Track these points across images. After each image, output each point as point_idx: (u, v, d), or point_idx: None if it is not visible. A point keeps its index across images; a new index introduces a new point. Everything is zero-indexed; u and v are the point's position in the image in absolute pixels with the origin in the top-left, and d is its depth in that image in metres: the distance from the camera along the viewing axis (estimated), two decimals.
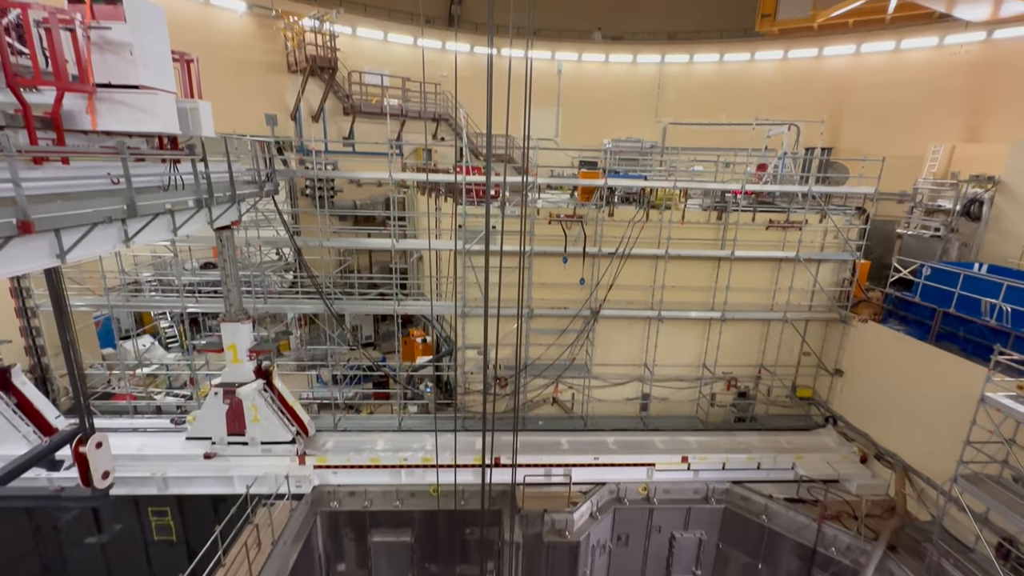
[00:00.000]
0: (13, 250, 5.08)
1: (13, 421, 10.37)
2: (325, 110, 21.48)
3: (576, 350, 13.57)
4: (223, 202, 9.06)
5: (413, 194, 20.24)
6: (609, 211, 12.79)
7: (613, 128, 24.26)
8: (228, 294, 10.89)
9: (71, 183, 6.10)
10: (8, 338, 11.84)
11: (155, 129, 6.60)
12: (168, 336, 19.40)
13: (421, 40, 24.50)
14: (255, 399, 11.19)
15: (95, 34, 5.81)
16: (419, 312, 14.50)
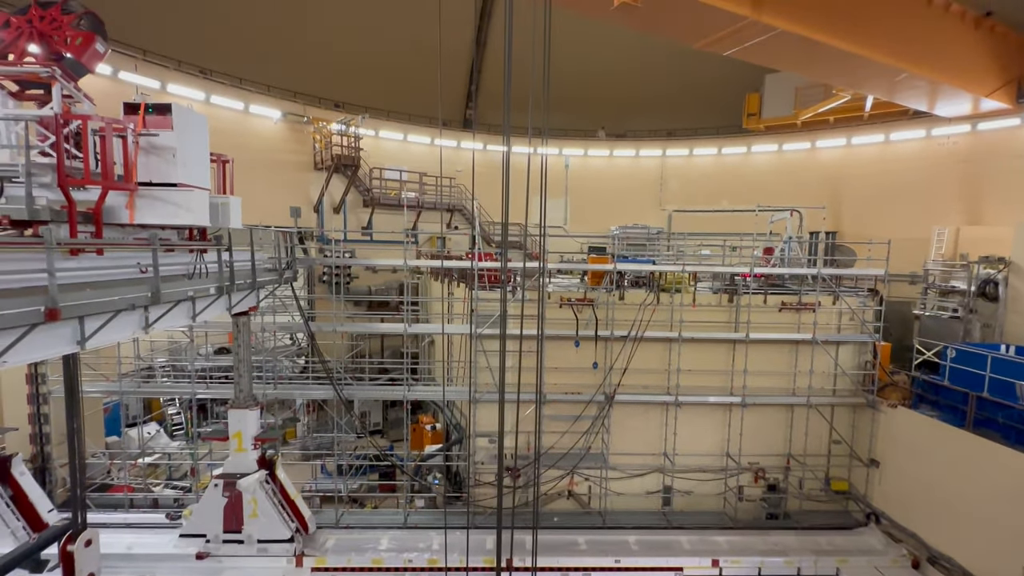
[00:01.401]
0: (36, 337, 5.20)
1: (4, 516, 9.93)
2: (346, 203, 22.79)
3: (591, 438, 13.00)
4: (243, 289, 9.34)
5: (426, 280, 20.74)
6: (620, 295, 12.90)
7: (619, 216, 25.19)
8: (239, 379, 10.85)
9: (102, 272, 6.39)
10: (16, 426, 11.73)
11: (187, 222, 7.02)
12: (174, 423, 19.07)
13: (438, 140, 26.51)
14: (256, 492, 10.69)
15: (144, 140, 6.40)
16: (429, 398, 14.22)
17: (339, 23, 22.77)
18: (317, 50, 23.13)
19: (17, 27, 6.42)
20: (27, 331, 5.01)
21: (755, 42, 12.33)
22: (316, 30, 22.62)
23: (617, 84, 28.01)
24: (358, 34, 23.46)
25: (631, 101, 29.40)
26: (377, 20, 23.38)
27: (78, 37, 6.47)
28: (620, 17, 11.45)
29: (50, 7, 6.55)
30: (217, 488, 10.73)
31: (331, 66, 23.82)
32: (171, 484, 15.05)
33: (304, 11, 22.02)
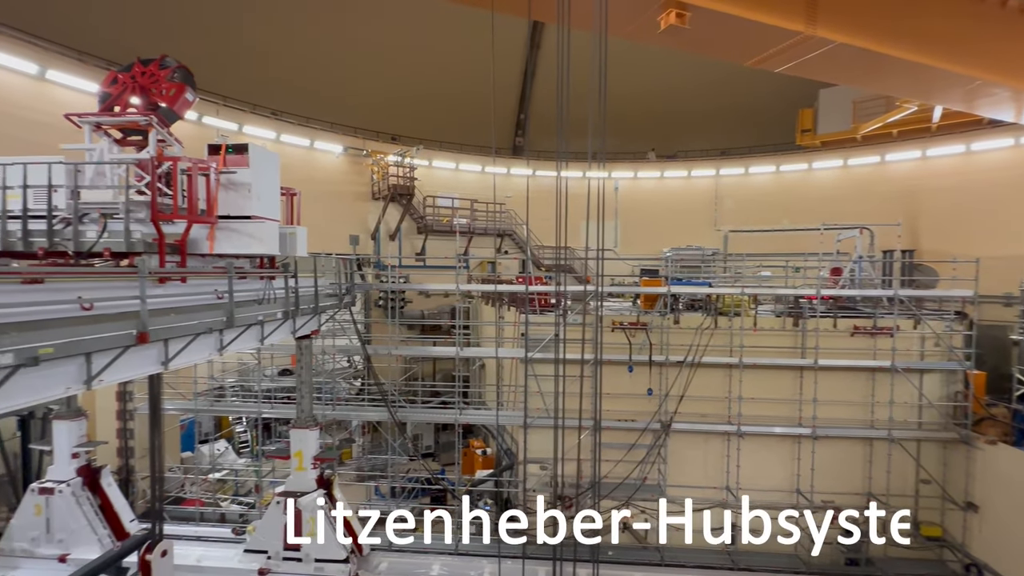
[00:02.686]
0: (129, 358, 5.70)
1: (93, 524, 10.74)
2: (401, 230, 23.71)
3: (647, 468, 12.48)
4: (306, 313, 9.85)
5: (477, 304, 21.03)
6: (674, 318, 12.51)
7: (671, 238, 24.62)
8: (301, 400, 11.33)
9: (184, 298, 6.95)
10: (106, 439, 12.77)
11: (259, 252, 7.55)
12: (241, 441, 20.11)
13: (489, 167, 27.21)
14: (314, 511, 10.99)
15: (224, 177, 7.00)
16: (480, 421, 14.23)
17: (394, 61, 24.18)
18: (375, 87, 24.62)
19: (123, 83, 7.28)
20: (120, 352, 5.51)
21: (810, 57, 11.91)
22: (373, 69, 24.12)
23: (666, 105, 27.83)
24: (412, 70, 24.78)
25: (681, 121, 29.05)
26: (430, 56, 24.63)
27: (172, 88, 7.24)
28: (668, 40, 11.40)
29: (150, 63, 7.39)
30: (279, 505, 11.12)
31: (388, 102, 25.23)
32: (237, 500, 15.78)
33: (363, 52, 23.57)
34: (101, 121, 7.01)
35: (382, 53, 23.79)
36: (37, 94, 14.27)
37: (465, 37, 23.71)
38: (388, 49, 23.72)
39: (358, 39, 22.74)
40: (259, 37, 20.93)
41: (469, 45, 23.87)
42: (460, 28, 23.64)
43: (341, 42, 22.53)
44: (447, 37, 23.94)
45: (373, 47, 23.48)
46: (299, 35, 21.64)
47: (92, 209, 6.58)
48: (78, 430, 10.87)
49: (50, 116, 13.77)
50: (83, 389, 5.39)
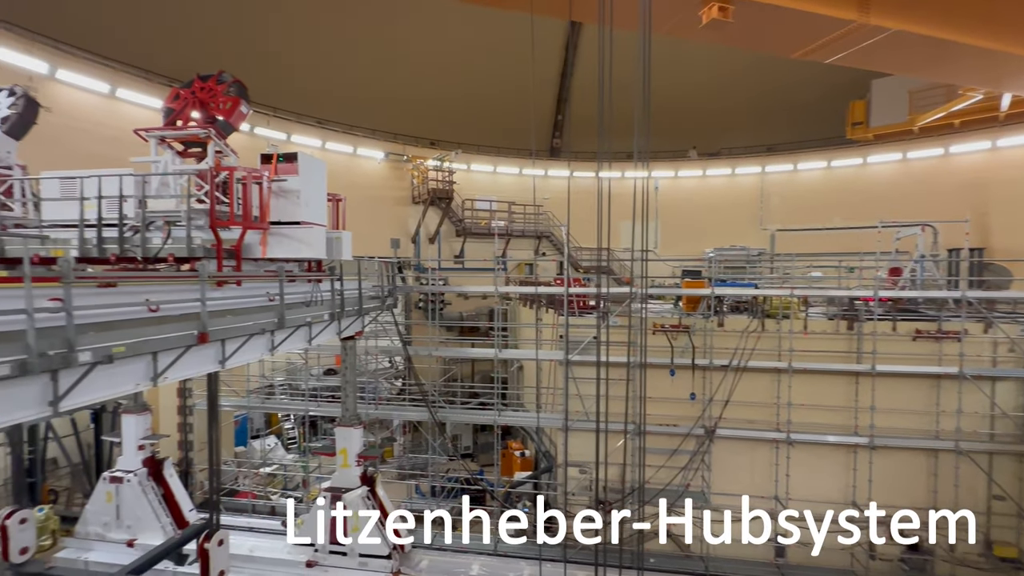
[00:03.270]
0: (190, 357, 6.06)
1: (157, 511, 11.47)
2: (441, 233, 24.11)
3: (690, 474, 12.15)
4: (351, 315, 10.17)
5: (515, 306, 21.09)
6: (718, 321, 12.14)
7: (713, 238, 23.92)
8: (346, 399, 11.69)
9: (239, 300, 7.33)
10: (168, 433, 13.60)
11: (308, 256, 7.86)
12: (289, 437, 20.96)
13: (527, 170, 27.27)
14: (358, 507, 11.31)
15: (275, 185, 7.34)
16: (520, 423, 14.26)
17: (432, 67, 24.60)
18: (414, 94, 25.11)
19: (184, 98, 7.76)
20: (183, 352, 5.86)
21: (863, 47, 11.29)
22: (413, 75, 24.61)
23: (707, 102, 27.08)
24: (450, 75, 25.16)
25: (724, 118, 28.20)
26: (467, 61, 24.93)
27: (228, 102, 7.66)
28: (709, 35, 11.08)
29: (208, 79, 7.85)
30: (325, 500, 11.51)
31: (427, 107, 25.71)
32: (286, 494, 16.44)
33: (402, 60, 24.10)
34: (165, 135, 7.50)
35: (421, 59, 24.28)
36: (109, 111, 15.41)
37: (501, 41, 23.91)
38: (426, 55, 24.19)
39: (398, 47, 23.32)
40: (305, 50, 21.81)
41: (505, 48, 24.04)
42: (496, 32, 23.86)
43: (382, 51, 23.16)
44: (483, 41, 24.20)
45: (412, 54, 24.00)
46: (342, 46, 22.39)
47: (157, 217, 7.05)
48: (144, 424, 11.64)
49: (120, 131, 14.84)
50: (150, 385, 5.77)
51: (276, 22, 20.41)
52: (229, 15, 19.09)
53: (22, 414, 4.36)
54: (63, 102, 13.97)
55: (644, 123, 5.16)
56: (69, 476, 15.44)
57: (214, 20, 18.85)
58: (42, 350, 4.10)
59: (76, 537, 11.53)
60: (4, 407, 4.17)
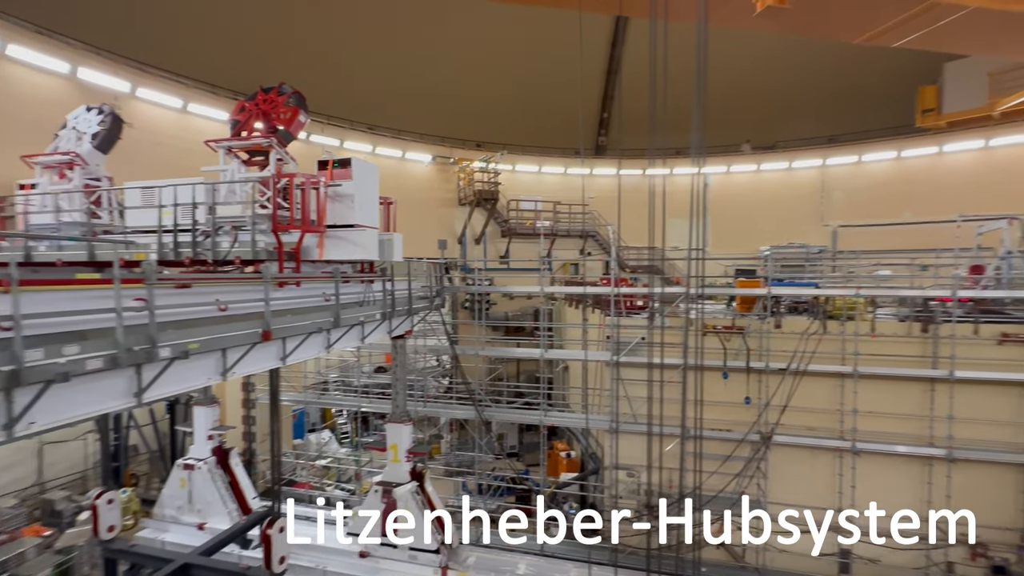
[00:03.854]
0: (255, 353, 6.43)
1: (224, 498, 12.25)
2: (486, 234, 24.36)
3: (745, 481, 11.67)
4: (401, 314, 10.46)
5: (560, 306, 20.98)
6: (775, 322, 11.59)
7: (768, 235, 22.88)
8: (396, 396, 12.04)
9: (298, 300, 7.70)
10: (233, 425, 14.49)
11: (361, 257, 8.16)
12: (342, 432, 21.81)
13: (571, 169, 27.10)
14: (408, 501, 11.61)
15: (331, 190, 7.67)
16: (566, 424, 14.18)
17: (478, 69, 24.89)
18: (460, 97, 25.51)
19: (248, 110, 8.25)
20: (249, 349, 6.23)
21: (937, 27, 10.41)
22: (458, 79, 25.00)
23: (761, 92, 25.92)
24: (495, 77, 25.37)
25: (780, 109, 26.90)
26: (511, 61, 25.07)
27: (287, 112, 8.07)
28: (764, 23, 10.61)
29: (270, 91, 8.30)
30: (376, 494, 11.90)
31: (473, 109, 26.07)
32: (340, 486, 17.12)
33: (448, 63, 24.52)
34: (232, 145, 8.00)
35: (467, 62, 24.63)
36: (183, 125, 16.62)
37: (546, 40, 23.86)
38: (472, 58, 24.51)
39: (444, 51, 23.77)
40: (357, 58, 22.62)
41: (549, 48, 23.99)
42: (540, 31, 23.85)
43: (429, 55, 23.67)
44: (527, 41, 24.27)
45: (458, 58, 24.39)
46: (391, 53, 23.06)
47: (225, 222, 7.53)
48: (212, 415, 12.45)
49: (191, 143, 15.97)
50: (220, 380, 6.17)
51: (330, 32, 21.29)
52: (288, 28, 20.11)
53: (112, 404, 4.79)
54: (142, 118, 15.17)
55: (700, 117, 5.01)
56: (148, 462, 16.77)
57: (274, 33, 19.91)
58: (128, 346, 4.47)
59: (154, 518, 12.50)
60: (97, 397, 4.60)
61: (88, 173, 9.08)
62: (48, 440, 15.22)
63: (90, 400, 4.57)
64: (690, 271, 6.28)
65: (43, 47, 13.06)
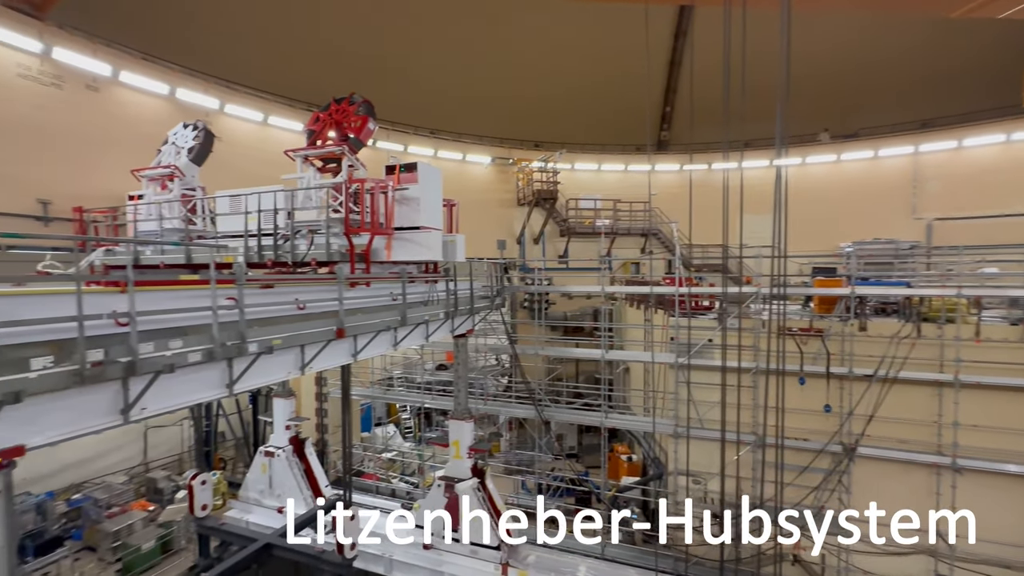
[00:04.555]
0: (329, 350, 6.81)
1: (300, 484, 13.08)
2: (545, 233, 24.34)
3: (824, 495, 10.88)
4: (463, 314, 10.68)
5: (621, 306, 20.56)
6: (860, 324, 10.71)
7: (850, 230, 21.20)
8: (458, 393, 12.31)
9: (367, 300, 8.07)
10: (308, 416, 15.43)
11: (426, 258, 8.41)
12: (406, 427, 22.63)
13: (632, 166, 26.48)
14: (470, 497, 11.83)
15: (398, 194, 7.96)
16: (628, 427, 13.88)
17: (536, 68, 24.88)
18: (519, 97, 25.65)
19: (322, 120, 8.74)
20: (324, 345, 6.61)
21: None
22: (517, 80, 25.12)
23: (839, 78, 24.03)
24: (553, 75, 25.27)
25: (861, 95, 24.84)
26: (570, 59, 24.86)
27: (358, 121, 8.47)
28: (849, 2, 9.84)
29: (341, 101, 8.75)
30: (440, 488, 12.22)
31: (531, 109, 26.13)
32: (404, 478, 17.77)
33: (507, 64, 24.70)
34: (308, 154, 8.51)
35: (525, 62, 24.72)
36: (263, 136, 17.92)
37: (605, 36, 23.47)
38: (530, 57, 24.56)
39: (502, 52, 23.99)
40: (419, 64, 23.34)
41: (608, 44, 23.59)
42: (599, 28, 23.48)
43: (488, 57, 24.00)
44: (586, 39, 23.99)
45: (516, 58, 24.52)
46: (451, 57, 23.60)
47: (303, 227, 8.02)
48: (290, 407, 13.34)
49: (271, 153, 17.18)
50: (298, 374, 6.59)
51: (394, 43, 22.13)
52: (356, 41, 21.12)
53: (208, 394, 5.26)
54: (229, 131, 16.50)
55: (784, 107, 4.74)
56: (234, 448, 18.25)
57: (344, 47, 20.98)
58: (222, 341, 4.89)
59: (240, 500, 13.57)
60: (196, 387, 5.06)
61: (185, 184, 10.02)
62: (152, 425, 16.96)
63: (190, 390, 5.04)
64: (774, 269, 5.94)
65: (148, 72, 14.55)
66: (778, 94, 4.78)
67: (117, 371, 4.03)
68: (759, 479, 9.75)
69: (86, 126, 12.97)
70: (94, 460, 16.62)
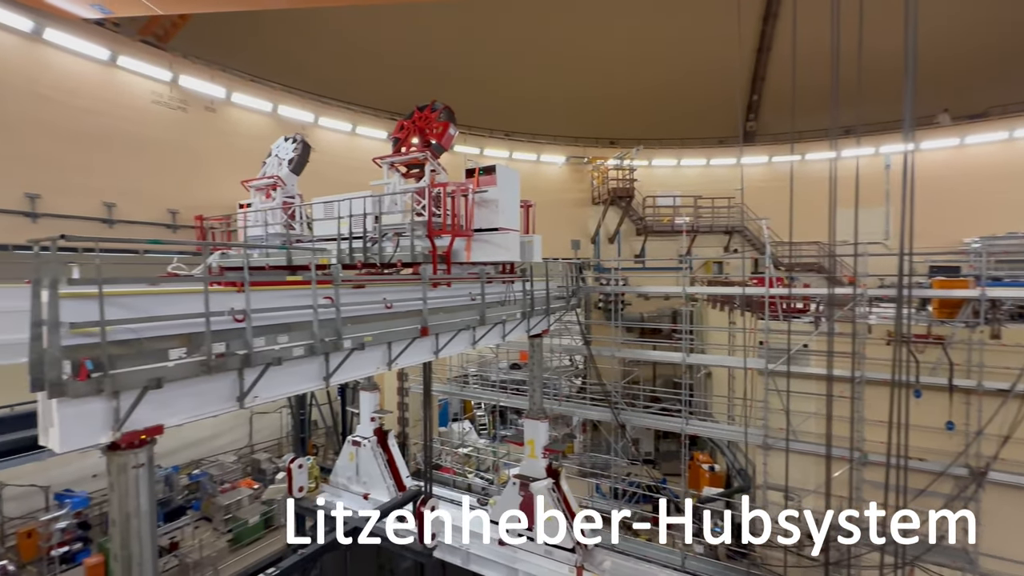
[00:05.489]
0: (414, 347, 7.12)
1: (383, 474, 13.82)
2: (620, 232, 23.79)
3: (944, 523, 9.62)
4: (539, 314, 10.71)
5: (702, 307, 19.58)
6: (992, 332, 9.36)
7: (976, 224, 18.62)
8: (533, 393, 12.36)
9: (448, 300, 8.34)
10: (391, 410, 16.25)
11: (504, 259, 8.52)
12: (480, 424, 23.13)
13: (715, 159, 25.14)
14: (545, 497, 11.84)
15: (478, 196, 8.15)
16: (712, 435, 13.19)
17: (611, 63, 24.34)
18: (594, 95, 25.25)
19: (406, 128, 9.15)
20: (410, 343, 6.92)
21: None
22: (592, 77, 24.73)
23: (965, 48, 21.14)
24: (629, 69, 24.59)
25: (992, 66, 21.69)
26: (644, 53, 24.07)
27: (439, 127, 8.77)
28: None
29: (424, 108, 9.11)
30: (515, 486, 12.35)
31: (607, 106, 25.64)
32: (479, 474, 18.17)
33: (580, 61, 24.39)
34: (394, 160, 8.95)
35: (598, 59, 24.29)
36: (352, 145, 19.16)
37: (683, 28, 22.48)
38: (604, 54, 24.09)
39: (575, 51, 23.74)
40: (493, 71, 23.75)
41: (687, 36, 22.57)
42: (676, 18, 22.52)
43: (561, 57, 23.86)
44: (661, 30, 23.12)
45: (589, 55, 24.16)
46: (525, 59, 23.75)
47: (389, 230, 8.46)
48: (374, 400, 14.12)
49: (358, 161, 18.33)
50: (385, 370, 6.94)
51: (470, 51, 22.70)
52: (434, 51, 21.93)
53: (308, 385, 5.70)
54: (322, 142, 17.81)
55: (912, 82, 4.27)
56: (324, 435, 19.68)
57: (422, 58, 21.88)
58: (322, 337, 5.27)
59: (330, 485, 14.60)
60: (298, 379, 5.51)
61: (286, 192, 10.95)
62: (256, 411, 18.75)
63: (293, 381, 5.50)
64: (902, 269, 5.39)
65: (255, 92, 16.09)
66: (904, 67, 4.31)
67: (236, 362, 4.49)
68: (862, 499, 8.84)
69: (205, 143, 14.60)
70: (209, 440, 18.69)
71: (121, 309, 4.01)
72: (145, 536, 4.21)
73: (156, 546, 4.39)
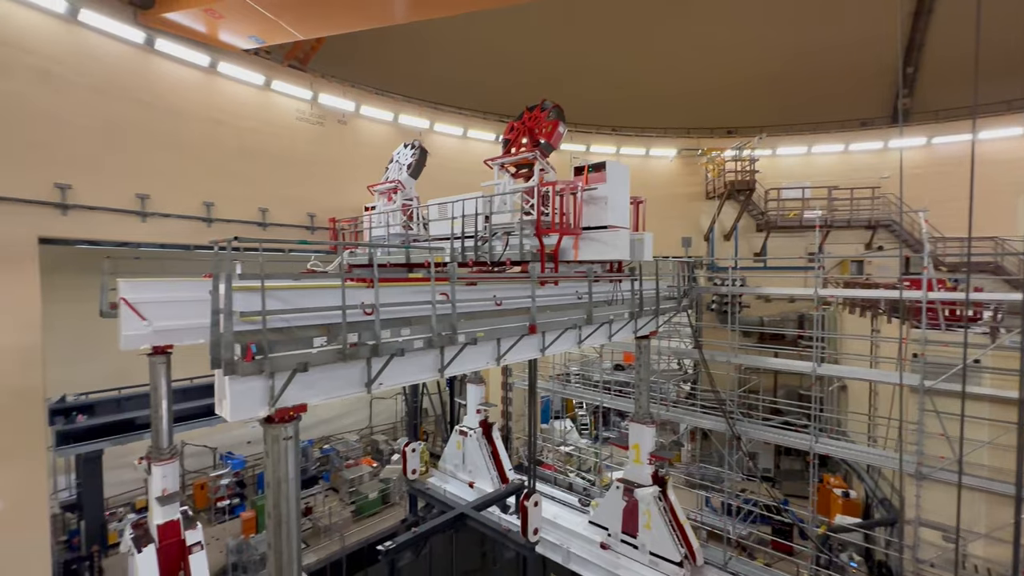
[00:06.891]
0: (522, 344, 7.25)
1: (487, 464, 14.30)
2: (738, 229, 22.00)
3: None
4: (647, 314, 10.30)
5: (835, 312, 17.39)
6: None
7: None
8: (639, 396, 11.94)
9: (555, 298, 8.36)
10: (495, 403, 16.76)
11: (613, 257, 8.33)
12: (582, 423, 22.92)
13: (854, 144, 22.17)
14: (650, 504, 11.40)
15: (587, 194, 8.04)
16: (847, 456, 11.69)
17: (726, 45, 22.47)
18: (707, 82, 23.54)
19: (516, 129, 9.33)
20: (518, 339, 7.05)
21: None
22: (704, 62, 23.07)
23: None
24: (746, 51, 22.53)
25: None
26: (765, 34, 21.88)
27: (548, 126, 8.81)
28: None
29: (534, 108, 9.20)
30: (618, 490, 12.05)
31: (722, 93, 23.79)
32: (580, 474, 18.04)
33: (691, 50, 22.86)
34: (504, 161, 9.18)
35: (713, 48, 22.61)
36: (463, 148, 20.04)
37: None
38: (719, 38, 22.34)
39: (686, 38, 22.33)
40: (597, 64, 23.26)
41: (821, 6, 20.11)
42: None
43: (670, 46, 22.61)
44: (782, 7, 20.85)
45: (702, 42, 22.57)
46: (631, 51, 22.90)
47: (499, 229, 8.69)
48: (480, 393, 14.66)
49: (469, 163, 19.10)
50: (494, 365, 7.16)
51: (576, 49, 22.47)
52: (540, 50, 22.09)
53: (425, 375, 6.08)
54: (436, 146, 18.87)
55: None
56: (434, 423, 20.93)
57: (528, 57, 22.14)
58: (439, 331, 5.58)
59: (439, 470, 15.48)
60: (417, 369, 5.90)
61: (405, 195, 11.79)
62: (375, 396, 20.52)
63: (412, 370, 5.90)
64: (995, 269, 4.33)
65: (379, 103, 17.54)
66: None
67: (366, 351, 4.94)
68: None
69: (337, 153, 16.26)
70: (336, 420, 20.87)
71: (276, 301, 4.61)
72: (291, 499, 4.81)
73: (300, 508, 5.00)
